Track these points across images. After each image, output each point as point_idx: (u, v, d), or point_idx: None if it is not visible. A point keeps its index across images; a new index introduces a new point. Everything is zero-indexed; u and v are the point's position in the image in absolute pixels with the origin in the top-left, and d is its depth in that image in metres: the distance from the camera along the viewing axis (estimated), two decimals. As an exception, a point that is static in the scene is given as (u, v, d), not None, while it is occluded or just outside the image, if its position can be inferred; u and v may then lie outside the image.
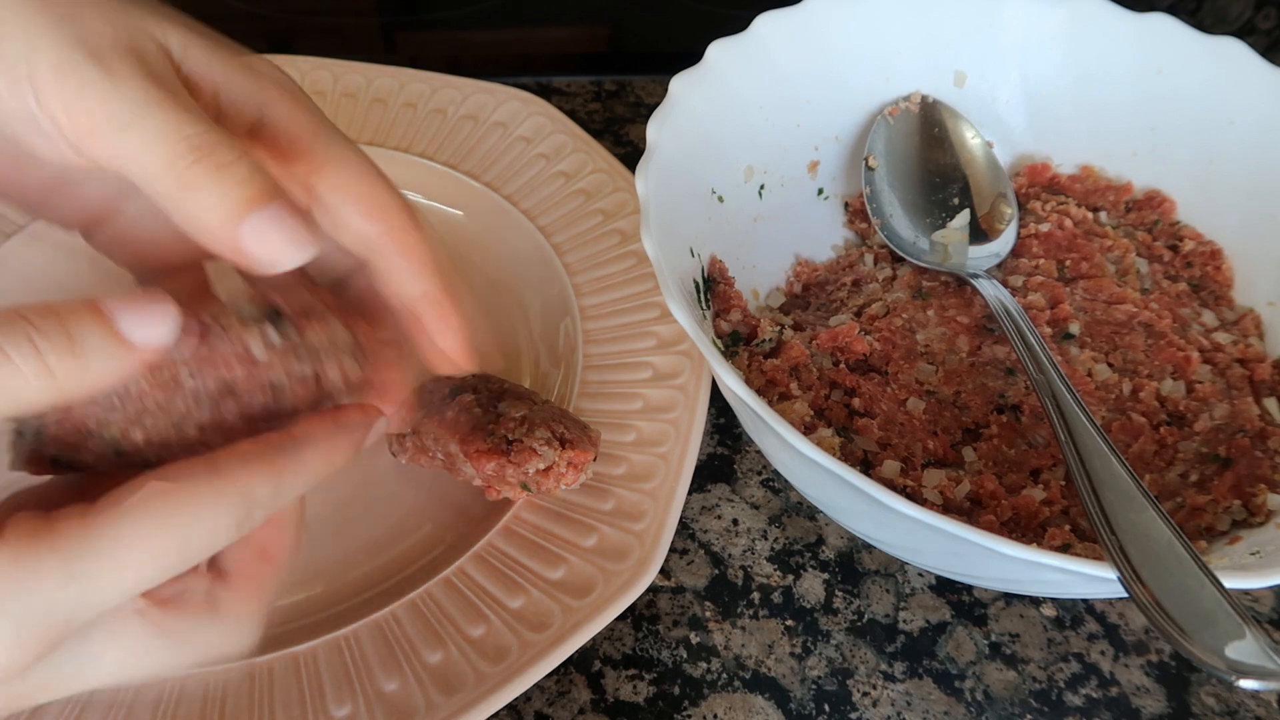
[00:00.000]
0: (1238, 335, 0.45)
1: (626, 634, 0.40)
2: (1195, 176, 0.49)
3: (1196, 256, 0.48)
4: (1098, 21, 0.49)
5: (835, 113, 0.50)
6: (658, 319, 0.46)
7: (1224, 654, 0.27)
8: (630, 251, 0.49)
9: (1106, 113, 0.50)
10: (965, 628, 0.40)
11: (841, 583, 0.42)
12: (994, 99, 0.51)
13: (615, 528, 0.39)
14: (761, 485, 0.45)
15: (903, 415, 0.41)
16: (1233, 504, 0.38)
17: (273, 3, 0.78)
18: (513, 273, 0.52)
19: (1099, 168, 0.51)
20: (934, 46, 0.50)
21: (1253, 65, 0.46)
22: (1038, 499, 0.38)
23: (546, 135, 0.56)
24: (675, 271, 0.37)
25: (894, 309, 0.44)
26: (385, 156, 0.56)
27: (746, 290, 0.46)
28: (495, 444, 0.38)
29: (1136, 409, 0.41)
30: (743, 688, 0.38)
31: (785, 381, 0.41)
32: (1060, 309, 0.44)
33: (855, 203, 0.51)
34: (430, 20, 0.79)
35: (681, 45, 0.50)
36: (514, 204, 0.53)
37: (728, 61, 0.44)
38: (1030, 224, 0.49)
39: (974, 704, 0.38)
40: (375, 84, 0.59)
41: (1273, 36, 0.76)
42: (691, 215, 0.42)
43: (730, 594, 0.41)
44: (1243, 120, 0.47)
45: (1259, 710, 0.38)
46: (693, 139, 0.42)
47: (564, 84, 0.68)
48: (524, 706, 0.37)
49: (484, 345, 0.29)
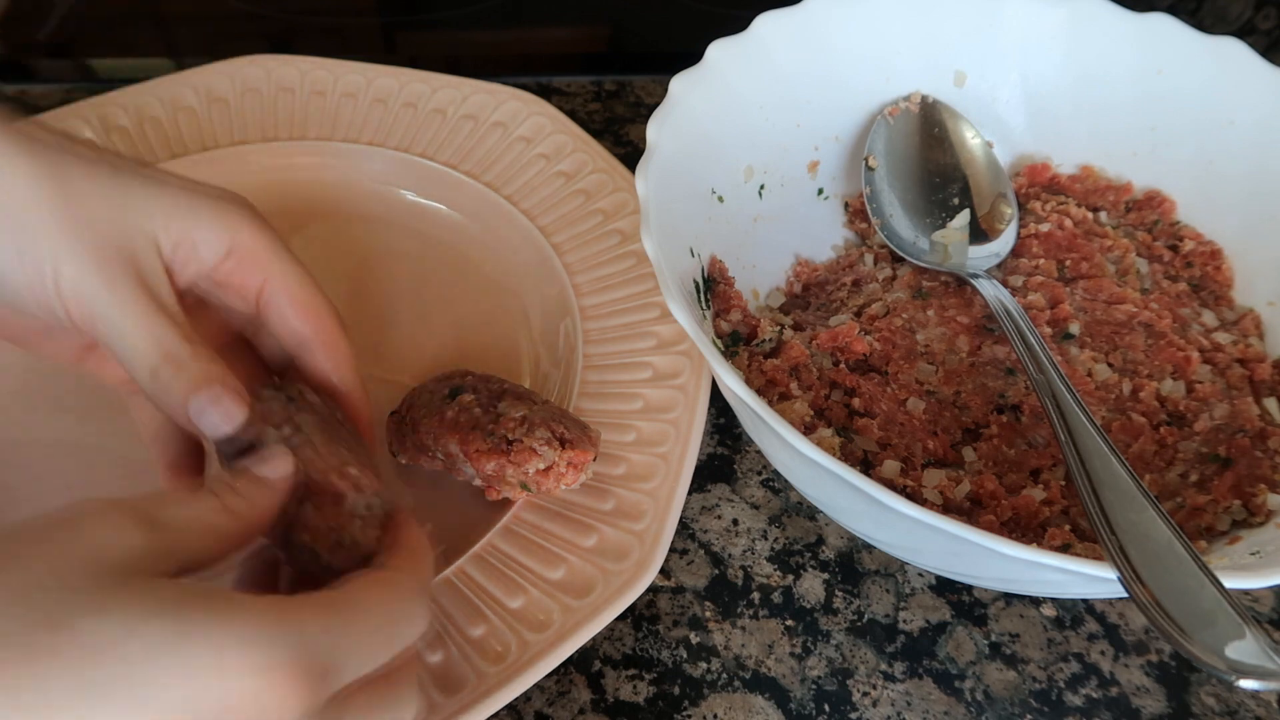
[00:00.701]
0: (1238, 335, 0.45)
1: (626, 634, 0.40)
2: (1195, 176, 0.49)
3: (1196, 256, 0.48)
4: (1098, 21, 0.49)
5: (835, 113, 0.50)
6: (658, 319, 0.46)
7: (1224, 654, 0.27)
8: (630, 251, 0.49)
9: (1106, 113, 0.50)
10: (965, 628, 0.40)
11: (841, 583, 0.42)
12: (994, 99, 0.51)
13: (615, 528, 0.39)
14: (761, 485, 0.45)
15: (903, 415, 0.41)
16: (1233, 504, 0.38)
17: (273, 3, 0.78)
18: (513, 273, 0.52)
19: (1099, 168, 0.51)
20: (934, 46, 0.50)
21: (1253, 65, 0.46)
22: (1038, 499, 0.38)
23: (546, 135, 0.56)
24: (675, 271, 0.37)
25: (894, 309, 0.44)
26: (385, 156, 0.56)
27: (746, 290, 0.46)
28: (495, 444, 0.38)
29: (1136, 409, 0.41)
30: (743, 688, 0.38)
31: (785, 381, 0.41)
32: (1060, 309, 0.44)
33: (855, 203, 0.51)
34: (430, 20, 0.79)
35: (681, 45, 0.50)
36: (514, 204, 0.53)
37: (728, 61, 0.44)
38: (1030, 224, 0.49)
39: (974, 704, 0.38)
40: (375, 84, 0.59)
41: (1273, 36, 0.76)
42: (691, 215, 0.42)
43: (730, 594, 0.41)
44: (1243, 120, 0.47)
45: (1259, 710, 0.38)
46: (693, 139, 0.42)
47: (564, 84, 0.68)
48: (524, 706, 0.37)
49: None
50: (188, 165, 0.55)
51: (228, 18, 0.77)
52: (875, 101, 0.51)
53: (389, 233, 0.55)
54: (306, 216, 0.56)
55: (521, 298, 0.51)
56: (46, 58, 0.73)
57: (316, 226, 0.55)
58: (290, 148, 0.56)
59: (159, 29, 0.77)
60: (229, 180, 0.55)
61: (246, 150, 0.56)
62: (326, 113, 0.58)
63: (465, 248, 0.54)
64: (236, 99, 0.58)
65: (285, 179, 0.56)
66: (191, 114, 0.57)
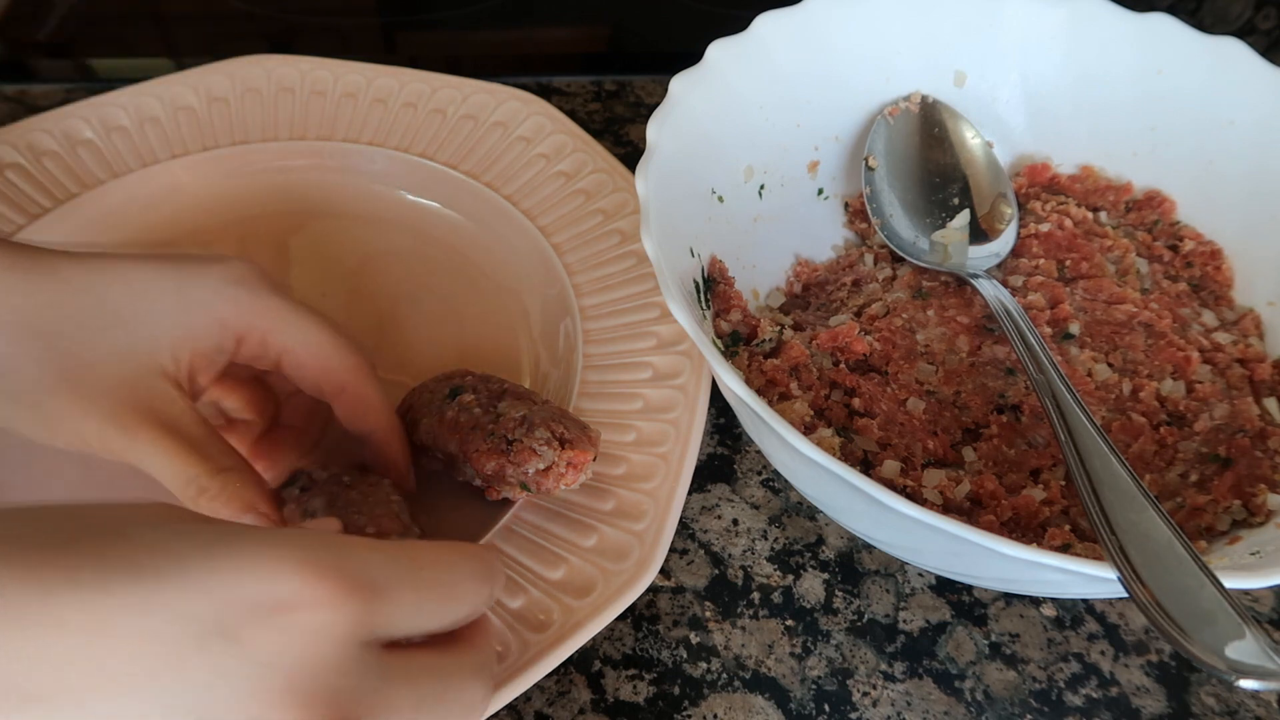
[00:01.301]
0: (1238, 335, 0.45)
1: (626, 634, 0.40)
2: (1195, 176, 0.49)
3: (1196, 256, 0.48)
4: (1097, 21, 0.49)
5: (835, 113, 0.50)
6: (658, 319, 0.46)
7: (1224, 654, 0.27)
8: (630, 251, 0.49)
9: (1106, 113, 0.50)
10: (965, 628, 0.40)
11: (841, 583, 0.42)
12: (994, 99, 0.51)
13: (615, 528, 0.39)
14: (761, 485, 0.45)
15: (903, 415, 0.41)
16: (1233, 504, 0.38)
17: (273, 3, 0.78)
18: (513, 273, 0.52)
19: (1099, 168, 0.51)
20: (934, 46, 0.50)
21: (1252, 65, 0.46)
22: (1038, 499, 0.38)
23: (546, 135, 0.56)
24: (675, 271, 0.37)
25: (894, 309, 0.44)
26: (385, 156, 0.56)
27: (746, 290, 0.46)
28: (495, 444, 0.38)
29: (1136, 409, 0.41)
30: (743, 688, 0.38)
31: (785, 381, 0.41)
32: (1060, 309, 0.44)
33: (855, 203, 0.51)
34: (430, 20, 0.79)
35: (681, 45, 0.50)
36: (514, 204, 0.53)
37: (728, 61, 0.44)
38: (1030, 224, 0.49)
39: (974, 704, 0.38)
40: (375, 84, 0.59)
41: (1273, 36, 0.76)
42: (691, 215, 0.42)
43: (730, 594, 0.41)
44: (1243, 120, 0.47)
45: (1259, 710, 0.38)
46: (693, 139, 0.42)
47: (564, 84, 0.68)
48: (524, 706, 0.37)
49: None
50: (188, 165, 0.55)
51: (228, 18, 0.77)
52: (875, 101, 0.51)
53: (389, 233, 0.55)
54: (306, 216, 0.56)
55: (521, 298, 0.51)
56: (46, 58, 0.73)
57: (316, 226, 0.55)
58: (290, 148, 0.56)
59: (159, 29, 0.77)
60: (229, 180, 0.56)
61: (246, 150, 0.56)
62: (326, 113, 0.58)
63: (465, 248, 0.54)
64: (236, 99, 0.58)
65: (285, 179, 0.56)
66: (191, 114, 0.57)
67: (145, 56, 0.73)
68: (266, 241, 0.54)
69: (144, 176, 0.54)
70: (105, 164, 0.54)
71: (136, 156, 0.54)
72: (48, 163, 0.53)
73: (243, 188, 0.56)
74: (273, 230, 0.55)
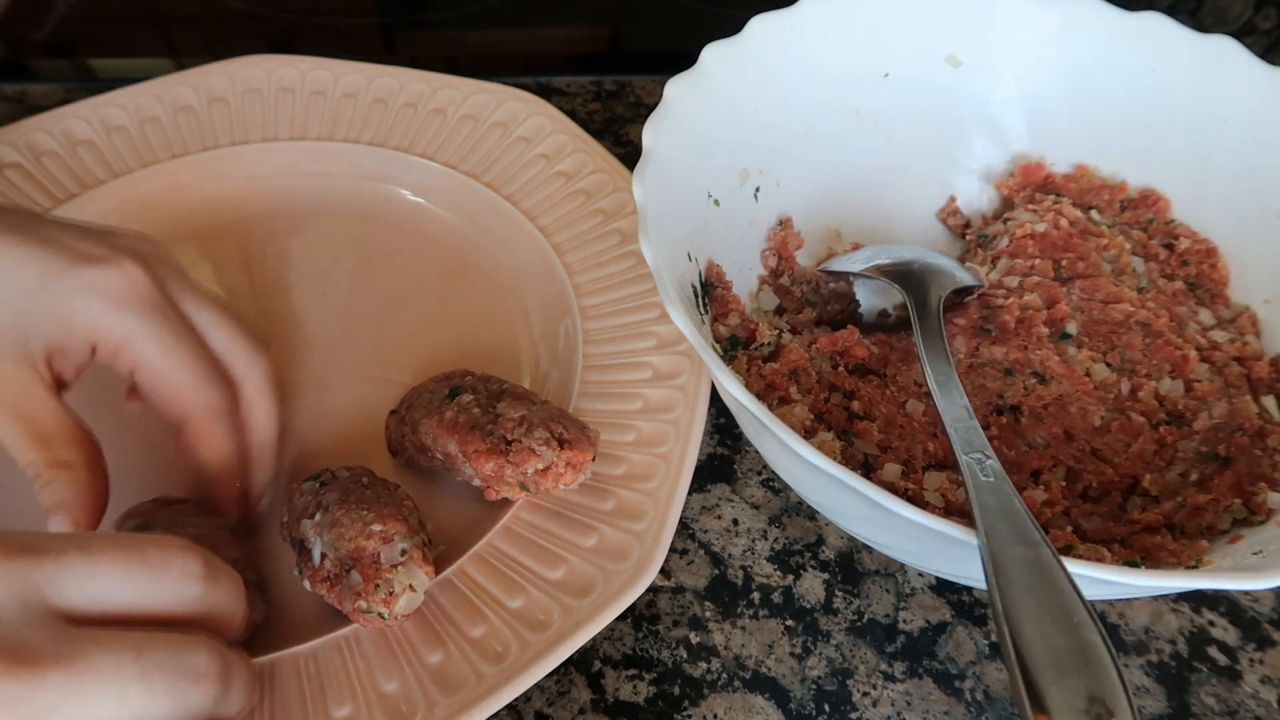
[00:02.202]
0: (1234, 333, 0.45)
1: (626, 634, 0.40)
2: (1190, 174, 0.49)
3: (1192, 254, 0.48)
4: (1091, 21, 0.49)
5: (830, 115, 0.50)
6: (657, 319, 0.46)
7: None
8: (630, 251, 0.49)
9: (1101, 112, 0.50)
10: (965, 628, 0.41)
11: (841, 583, 0.42)
12: (989, 99, 0.51)
13: (615, 528, 0.39)
14: (761, 485, 0.45)
15: (902, 417, 0.41)
16: (1233, 503, 0.38)
17: (273, 3, 0.78)
18: (513, 273, 0.52)
19: (1094, 167, 0.51)
20: (928, 48, 0.50)
21: (1245, 63, 0.46)
22: (1038, 500, 0.38)
23: (546, 135, 0.56)
24: (673, 276, 0.37)
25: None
26: (386, 157, 0.56)
27: (744, 294, 0.46)
28: (494, 444, 0.38)
29: (1136, 408, 0.41)
30: (743, 688, 0.38)
31: (785, 385, 0.41)
32: (1057, 309, 0.44)
33: (854, 203, 0.51)
34: (430, 20, 0.79)
35: (681, 46, 0.50)
36: (514, 204, 0.53)
37: (721, 64, 0.44)
38: (1026, 224, 0.49)
39: (974, 704, 0.38)
40: (375, 84, 0.59)
41: (1272, 36, 0.76)
42: (688, 219, 0.42)
43: (730, 594, 0.41)
44: (1236, 118, 0.47)
45: (1259, 710, 0.39)
46: (688, 143, 0.42)
47: (564, 84, 0.68)
48: (524, 706, 0.37)
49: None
50: (188, 165, 0.55)
51: (228, 18, 0.77)
52: (869, 104, 0.51)
53: (389, 233, 0.55)
54: (306, 216, 0.56)
55: (521, 298, 0.51)
56: (46, 58, 0.73)
57: (316, 226, 0.55)
58: (290, 148, 0.56)
59: (159, 29, 0.77)
60: (230, 180, 0.56)
61: (246, 150, 0.56)
62: (326, 113, 0.58)
63: (465, 248, 0.54)
64: (236, 99, 0.58)
65: (285, 179, 0.56)
66: (191, 114, 0.57)
67: (145, 56, 0.73)
68: (266, 241, 0.54)
69: (144, 176, 0.54)
70: (105, 164, 0.54)
71: (136, 156, 0.54)
72: (48, 163, 0.53)
73: (243, 188, 0.56)
74: (273, 230, 0.55)
